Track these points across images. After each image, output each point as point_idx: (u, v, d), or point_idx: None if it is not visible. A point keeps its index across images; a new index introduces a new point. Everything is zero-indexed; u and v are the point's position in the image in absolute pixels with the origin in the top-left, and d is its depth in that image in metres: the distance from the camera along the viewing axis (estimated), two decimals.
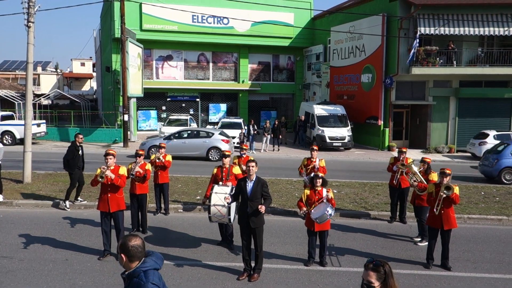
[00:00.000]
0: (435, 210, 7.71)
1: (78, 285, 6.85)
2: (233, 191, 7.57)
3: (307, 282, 7.16)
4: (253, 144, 23.44)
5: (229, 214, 7.70)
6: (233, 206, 8.00)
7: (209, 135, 20.48)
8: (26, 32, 13.98)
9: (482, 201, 12.59)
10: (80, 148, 11.74)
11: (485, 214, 11.23)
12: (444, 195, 7.63)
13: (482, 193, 13.72)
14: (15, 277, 7.08)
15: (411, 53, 22.28)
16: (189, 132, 21.05)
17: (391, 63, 23.86)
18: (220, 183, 8.59)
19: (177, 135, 20.51)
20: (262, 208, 6.91)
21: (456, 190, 7.65)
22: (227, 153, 8.94)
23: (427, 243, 8.95)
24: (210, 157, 19.90)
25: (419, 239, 9.35)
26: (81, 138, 11.90)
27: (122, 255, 3.32)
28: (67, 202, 11.33)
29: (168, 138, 20.20)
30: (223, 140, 19.96)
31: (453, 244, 8.51)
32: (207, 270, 7.55)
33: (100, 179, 7.74)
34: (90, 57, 66.75)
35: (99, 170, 7.81)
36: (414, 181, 9.14)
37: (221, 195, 7.73)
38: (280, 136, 24.15)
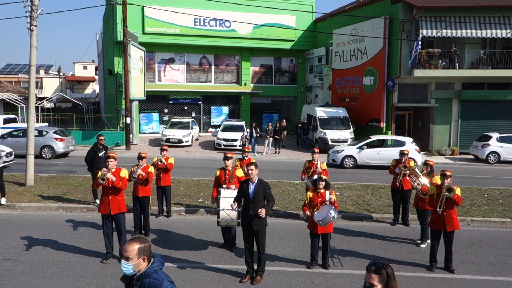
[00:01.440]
0: (438, 209, 7.69)
1: None
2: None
3: (310, 285, 7.15)
4: (255, 146, 23.45)
5: (238, 218, 7.69)
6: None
7: (42, 133, 20.61)
8: (29, 36, 14.04)
9: (485, 204, 12.55)
10: (100, 149, 11.90)
11: (489, 217, 11.20)
12: (446, 196, 7.61)
13: (485, 195, 13.68)
14: (18, 280, 7.08)
15: (412, 55, 22.25)
16: (23, 130, 20.73)
17: (393, 66, 23.84)
18: (224, 185, 8.58)
19: (12, 133, 20.71)
20: (262, 212, 6.90)
21: (458, 191, 7.63)
22: (229, 155, 8.94)
23: (426, 244, 8.95)
24: (44, 155, 20.16)
25: (420, 241, 9.33)
26: (102, 140, 12.12)
27: (145, 257, 3.39)
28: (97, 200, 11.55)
29: (2, 137, 20.54)
30: (56, 139, 20.12)
31: (457, 247, 8.48)
32: (210, 272, 7.54)
33: (101, 182, 7.77)
34: (93, 60, 67.06)
35: (100, 173, 7.86)
36: (418, 184, 9.09)
37: (229, 199, 7.73)
38: (277, 136, 24.03)
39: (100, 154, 11.80)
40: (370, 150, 19.65)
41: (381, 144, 20.29)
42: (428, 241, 8.82)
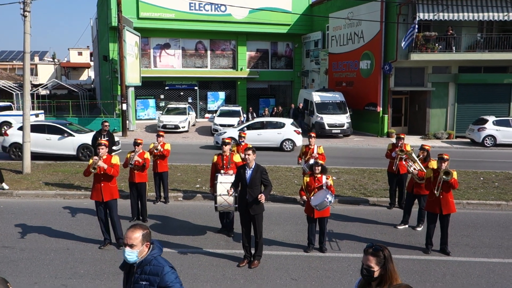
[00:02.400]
0: (435, 192, 7.73)
1: (80, 274, 6.89)
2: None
3: (307, 268, 7.22)
4: None
5: (235, 203, 7.71)
6: None
7: None
8: (23, 22, 13.86)
9: (481, 187, 12.63)
10: (103, 135, 12.09)
11: (484, 200, 11.27)
12: (443, 180, 7.64)
13: (481, 178, 13.76)
14: (17, 266, 7.11)
15: (407, 37, 22.00)
16: None
17: (390, 50, 23.74)
18: (222, 171, 8.59)
19: None
20: (262, 197, 6.92)
21: (455, 175, 7.66)
22: (227, 140, 8.93)
23: (421, 227, 9.02)
24: None
25: (416, 224, 9.37)
26: (107, 126, 12.37)
27: (148, 243, 3.45)
28: None
29: None
30: None
31: (452, 229, 8.56)
32: (208, 257, 7.59)
33: (92, 170, 7.72)
34: (87, 46, 66.38)
35: (91, 161, 7.80)
36: (414, 169, 9.09)
37: (226, 184, 7.75)
38: None
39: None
40: (251, 132, 19.73)
41: (262, 126, 20.56)
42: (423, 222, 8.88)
